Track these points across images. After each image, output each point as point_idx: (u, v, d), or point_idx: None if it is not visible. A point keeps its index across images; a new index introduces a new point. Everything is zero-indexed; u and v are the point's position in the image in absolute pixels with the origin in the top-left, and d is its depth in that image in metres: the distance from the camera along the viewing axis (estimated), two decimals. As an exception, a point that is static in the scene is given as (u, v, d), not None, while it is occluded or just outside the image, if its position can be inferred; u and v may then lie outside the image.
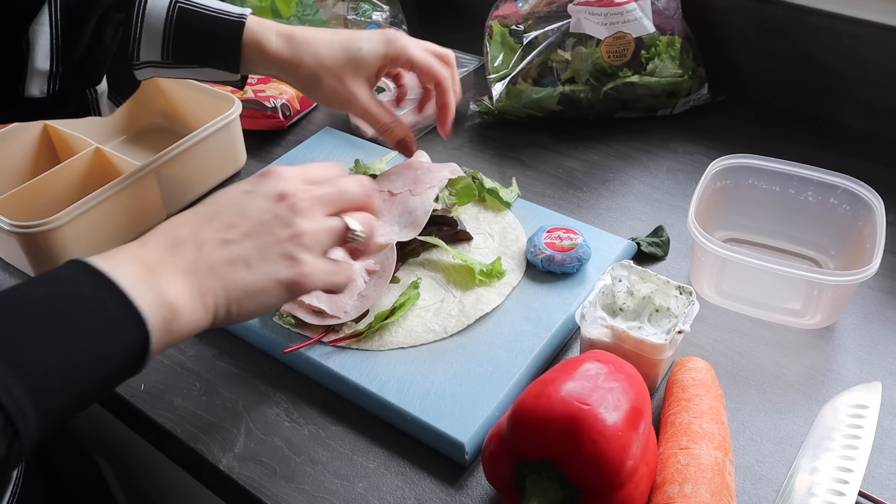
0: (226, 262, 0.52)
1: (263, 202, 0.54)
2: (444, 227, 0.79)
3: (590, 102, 0.95)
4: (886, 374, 0.67)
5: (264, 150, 0.98)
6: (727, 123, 0.98)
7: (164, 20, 0.70)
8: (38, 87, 0.67)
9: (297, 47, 0.72)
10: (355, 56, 0.73)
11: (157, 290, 0.48)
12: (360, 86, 0.74)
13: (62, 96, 0.69)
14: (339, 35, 0.74)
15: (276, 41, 0.72)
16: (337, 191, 0.57)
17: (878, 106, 0.93)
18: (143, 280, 0.48)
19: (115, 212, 0.80)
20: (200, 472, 0.66)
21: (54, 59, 0.67)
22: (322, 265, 0.55)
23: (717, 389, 0.63)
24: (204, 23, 0.71)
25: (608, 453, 0.50)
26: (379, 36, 0.74)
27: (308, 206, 0.55)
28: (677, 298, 0.65)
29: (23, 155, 0.89)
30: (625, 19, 0.91)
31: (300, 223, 0.54)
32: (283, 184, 0.55)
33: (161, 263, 0.50)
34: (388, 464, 0.63)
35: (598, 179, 0.91)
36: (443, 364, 0.67)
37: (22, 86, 0.67)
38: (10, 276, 0.82)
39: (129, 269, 0.48)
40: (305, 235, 0.54)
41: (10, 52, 0.66)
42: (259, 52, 0.72)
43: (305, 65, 0.72)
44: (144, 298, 0.47)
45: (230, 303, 0.52)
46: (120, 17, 0.69)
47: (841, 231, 0.75)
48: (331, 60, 0.72)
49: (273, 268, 0.53)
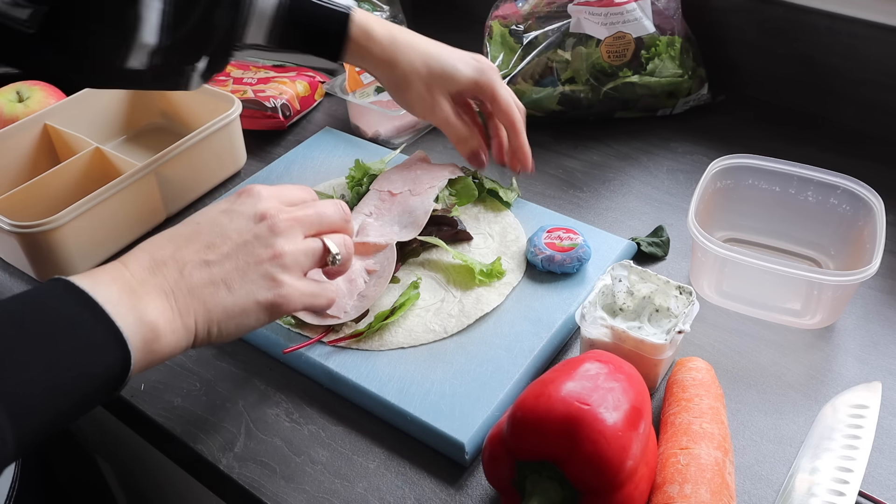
0: (207, 283, 0.53)
1: (244, 222, 0.55)
2: (444, 227, 0.79)
3: (590, 102, 0.95)
4: (886, 374, 0.67)
5: (264, 150, 0.98)
6: (727, 123, 0.98)
7: (275, 7, 0.72)
8: (139, 60, 0.67)
9: (396, 49, 0.75)
10: (450, 73, 0.76)
11: (137, 311, 0.49)
12: (445, 98, 0.77)
13: (161, 70, 0.70)
14: (437, 47, 0.77)
15: (378, 39, 0.74)
16: (316, 213, 0.58)
17: (878, 106, 0.93)
18: (124, 300, 0.49)
19: (115, 212, 0.80)
20: (200, 472, 0.66)
21: (162, 35, 0.67)
22: (303, 286, 0.56)
23: (717, 389, 0.63)
24: (312, 13, 0.73)
25: (608, 453, 0.50)
26: (475, 62, 0.77)
27: (287, 226, 0.56)
28: (677, 298, 0.65)
29: (23, 155, 0.89)
30: (625, 19, 0.91)
31: (280, 243, 0.55)
32: (263, 204, 0.56)
33: (142, 284, 0.51)
34: (388, 464, 0.63)
35: (598, 179, 0.91)
36: (443, 364, 0.67)
37: (123, 57, 0.67)
38: (10, 276, 0.82)
39: (110, 289, 0.49)
40: (285, 256, 0.55)
41: (117, 23, 0.65)
42: (360, 46, 0.75)
43: (400, 67, 0.75)
44: (125, 318, 0.48)
45: (210, 324, 0.53)
46: (231, 1, 0.70)
47: (841, 231, 0.75)
48: (425, 69, 0.75)
49: (253, 288, 0.54)
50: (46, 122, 0.89)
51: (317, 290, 0.58)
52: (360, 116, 0.98)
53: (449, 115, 0.77)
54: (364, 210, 0.79)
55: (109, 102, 0.96)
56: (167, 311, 0.51)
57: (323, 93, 1.05)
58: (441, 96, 0.76)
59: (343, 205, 0.61)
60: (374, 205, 0.80)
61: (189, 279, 0.52)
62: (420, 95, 0.76)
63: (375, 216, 0.79)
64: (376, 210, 0.79)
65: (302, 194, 0.60)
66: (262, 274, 0.54)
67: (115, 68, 0.67)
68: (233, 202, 0.57)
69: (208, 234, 0.54)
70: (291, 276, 0.55)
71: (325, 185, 0.87)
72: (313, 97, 1.03)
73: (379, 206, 0.80)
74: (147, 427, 0.68)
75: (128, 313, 0.48)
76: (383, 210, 0.79)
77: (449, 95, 0.77)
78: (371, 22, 0.75)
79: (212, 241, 0.54)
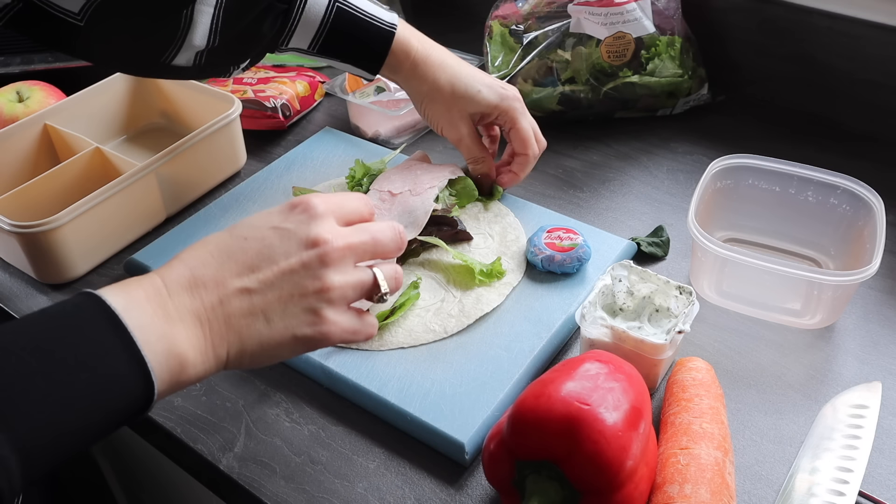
0: (246, 313, 0.50)
1: (293, 246, 0.51)
2: (444, 227, 0.79)
3: (590, 102, 0.95)
4: (886, 374, 0.67)
5: (264, 150, 0.98)
6: (727, 123, 0.98)
7: (322, 17, 0.72)
8: (185, 58, 0.68)
9: (427, 67, 0.77)
10: (472, 95, 0.78)
11: (168, 340, 0.47)
12: (465, 119, 0.79)
13: (205, 68, 0.71)
14: (467, 69, 0.79)
15: (413, 56, 0.76)
16: (372, 240, 0.54)
17: (878, 106, 0.93)
18: (157, 325, 0.46)
19: (115, 212, 0.80)
20: (200, 472, 0.66)
21: (211, 38, 0.67)
22: (345, 323, 0.53)
23: (717, 389, 0.63)
24: (358, 26, 0.74)
25: (608, 453, 0.50)
26: (500, 89, 0.79)
27: (340, 255, 0.52)
28: (677, 298, 0.65)
29: (23, 155, 0.89)
30: (625, 19, 0.91)
31: (329, 277, 0.51)
32: (316, 227, 0.52)
33: (177, 307, 0.48)
34: (388, 464, 0.63)
35: (598, 179, 0.91)
36: (443, 364, 0.67)
37: (171, 54, 0.67)
38: (10, 276, 0.82)
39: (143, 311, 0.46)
40: (333, 290, 0.51)
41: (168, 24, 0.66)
42: (397, 62, 0.77)
43: (428, 84, 0.77)
44: (154, 348, 0.46)
45: (243, 355, 0.50)
46: (281, 8, 0.70)
47: (841, 231, 0.75)
48: (449, 89, 0.77)
49: (294, 323, 0.51)
50: (46, 122, 0.89)
51: (358, 327, 0.54)
52: (360, 116, 0.98)
53: (464, 136, 0.80)
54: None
55: (109, 102, 0.96)
56: (199, 339, 0.48)
57: (323, 93, 1.05)
58: (460, 117, 0.79)
59: (400, 229, 0.57)
60: (375, 205, 0.80)
61: (227, 307, 0.49)
62: (440, 113, 0.79)
63: (376, 216, 0.79)
64: (376, 210, 0.79)
65: (360, 207, 0.56)
66: (305, 307, 0.51)
67: (162, 65, 0.68)
68: (286, 216, 0.53)
69: (254, 255, 0.50)
70: (336, 310, 0.52)
71: (325, 185, 0.87)
72: (313, 97, 1.03)
73: (379, 206, 0.80)
74: (147, 427, 0.68)
75: (157, 342, 0.46)
76: (383, 210, 0.79)
77: (469, 117, 0.79)
78: (410, 39, 0.76)
79: (257, 263, 0.50)
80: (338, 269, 0.52)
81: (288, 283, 0.50)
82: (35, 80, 0.99)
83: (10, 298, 0.79)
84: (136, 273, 0.66)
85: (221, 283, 0.49)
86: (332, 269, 0.51)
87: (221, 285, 0.49)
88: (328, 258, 0.51)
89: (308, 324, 0.51)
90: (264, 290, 0.50)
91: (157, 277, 0.49)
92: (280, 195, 0.87)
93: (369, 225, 0.55)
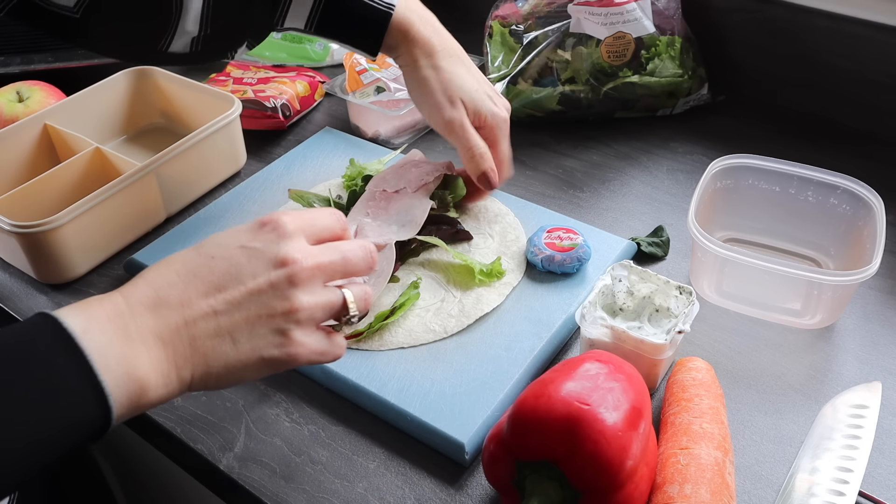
0: (211, 334, 0.48)
1: (261, 265, 0.50)
2: (444, 226, 0.79)
3: (590, 102, 0.95)
4: (886, 374, 0.67)
5: (264, 150, 0.98)
6: (727, 123, 0.98)
7: None
8: (181, 45, 0.68)
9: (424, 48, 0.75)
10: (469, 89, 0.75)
11: (128, 363, 0.45)
12: (459, 108, 0.75)
13: (202, 54, 0.71)
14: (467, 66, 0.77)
15: (413, 37, 0.74)
16: (342, 260, 0.53)
17: (878, 106, 0.93)
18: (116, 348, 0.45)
19: (115, 212, 0.80)
20: (200, 472, 0.66)
21: (203, 23, 0.67)
22: (313, 344, 0.52)
23: (717, 389, 0.63)
24: (354, 3, 0.72)
25: (608, 453, 0.50)
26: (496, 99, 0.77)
27: (309, 276, 0.51)
28: (677, 298, 0.65)
29: (23, 155, 0.89)
30: (625, 19, 0.91)
31: (298, 297, 0.50)
32: (285, 246, 0.51)
33: (139, 327, 0.47)
34: (388, 464, 0.63)
35: (598, 179, 0.91)
36: (443, 364, 0.67)
37: (166, 42, 0.67)
38: (10, 276, 0.82)
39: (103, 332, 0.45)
40: (302, 311, 0.50)
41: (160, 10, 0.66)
42: (396, 43, 0.75)
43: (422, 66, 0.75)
44: (113, 373, 0.44)
45: (208, 377, 0.49)
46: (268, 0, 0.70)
47: (841, 231, 0.75)
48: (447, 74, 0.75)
49: (261, 344, 0.49)
50: (46, 122, 0.89)
51: (326, 349, 0.53)
52: (360, 116, 0.98)
53: (454, 119, 0.75)
54: (361, 211, 0.79)
55: (109, 102, 0.96)
56: (161, 361, 0.47)
57: (323, 93, 1.05)
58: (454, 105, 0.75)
59: (372, 248, 0.56)
60: (371, 205, 0.80)
61: (192, 328, 0.48)
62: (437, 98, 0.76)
63: (373, 216, 0.79)
64: (373, 210, 0.79)
65: (332, 224, 0.55)
66: (273, 328, 0.50)
67: (160, 52, 0.68)
68: (255, 235, 0.51)
69: (221, 274, 0.49)
70: (303, 331, 0.51)
71: (324, 186, 0.87)
72: (313, 97, 1.03)
73: (375, 206, 0.79)
74: (147, 427, 0.68)
75: (116, 365, 0.44)
76: (380, 210, 0.79)
77: (461, 102, 0.75)
78: (412, 19, 0.74)
79: (224, 283, 0.49)
80: (306, 289, 0.51)
81: (255, 303, 0.49)
82: (35, 80, 0.99)
83: (10, 298, 0.79)
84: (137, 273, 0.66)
85: (187, 304, 0.48)
86: (300, 289, 0.50)
87: (187, 306, 0.48)
88: (297, 278, 0.50)
89: (276, 345, 0.50)
90: (231, 310, 0.49)
91: (119, 297, 0.48)
92: (280, 195, 0.87)
93: (340, 244, 0.54)
